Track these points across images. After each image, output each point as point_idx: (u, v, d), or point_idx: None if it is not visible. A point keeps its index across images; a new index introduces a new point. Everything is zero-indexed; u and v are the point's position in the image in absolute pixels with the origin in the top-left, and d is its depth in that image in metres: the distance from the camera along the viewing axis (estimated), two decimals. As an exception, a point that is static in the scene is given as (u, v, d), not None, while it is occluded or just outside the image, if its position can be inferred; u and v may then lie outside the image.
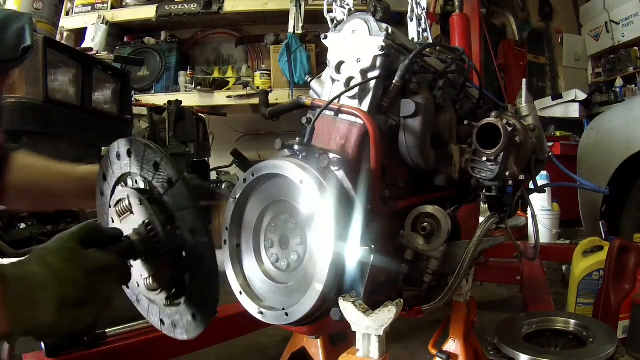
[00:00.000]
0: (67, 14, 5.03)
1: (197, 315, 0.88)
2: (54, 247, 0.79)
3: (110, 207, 0.93)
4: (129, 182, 0.92)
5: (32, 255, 0.76)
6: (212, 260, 0.85)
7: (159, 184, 0.86)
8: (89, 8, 5.19)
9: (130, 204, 0.87)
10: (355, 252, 0.99)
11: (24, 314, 0.71)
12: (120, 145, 0.91)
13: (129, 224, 0.88)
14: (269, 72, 5.06)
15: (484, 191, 1.29)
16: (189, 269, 0.89)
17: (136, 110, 3.52)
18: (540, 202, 3.82)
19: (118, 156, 0.92)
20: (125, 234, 0.87)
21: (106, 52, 3.84)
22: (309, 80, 1.36)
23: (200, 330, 0.88)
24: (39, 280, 0.73)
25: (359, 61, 1.15)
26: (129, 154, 0.89)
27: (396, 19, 3.54)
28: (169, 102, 3.55)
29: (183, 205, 0.84)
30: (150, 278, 0.89)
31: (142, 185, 0.90)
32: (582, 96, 5.32)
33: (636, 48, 5.55)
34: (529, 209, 1.50)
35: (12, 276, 0.71)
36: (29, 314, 0.72)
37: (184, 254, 0.87)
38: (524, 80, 1.61)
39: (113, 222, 0.92)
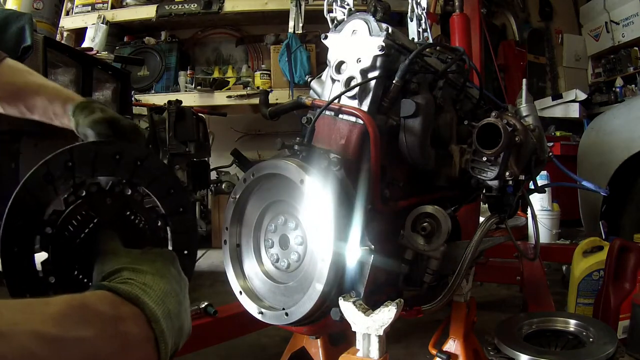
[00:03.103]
0: (67, 13, 5.02)
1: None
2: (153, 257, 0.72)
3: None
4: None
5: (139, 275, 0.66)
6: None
7: None
8: (89, 8, 5.19)
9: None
10: (355, 252, 0.99)
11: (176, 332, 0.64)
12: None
13: None
14: (269, 72, 5.05)
15: (484, 191, 1.29)
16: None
17: (136, 110, 3.51)
18: (540, 202, 3.82)
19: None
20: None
21: (106, 52, 3.83)
22: (309, 80, 1.36)
23: None
24: (171, 293, 0.66)
25: (359, 61, 1.15)
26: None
27: (396, 19, 3.55)
28: (169, 102, 3.54)
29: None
30: None
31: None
32: (582, 96, 5.32)
33: (636, 48, 5.54)
34: (529, 209, 1.50)
35: (152, 304, 0.61)
36: (178, 330, 0.65)
37: None
38: (524, 80, 1.61)
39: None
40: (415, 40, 1.67)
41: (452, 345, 1.35)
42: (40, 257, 0.78)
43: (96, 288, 0.61)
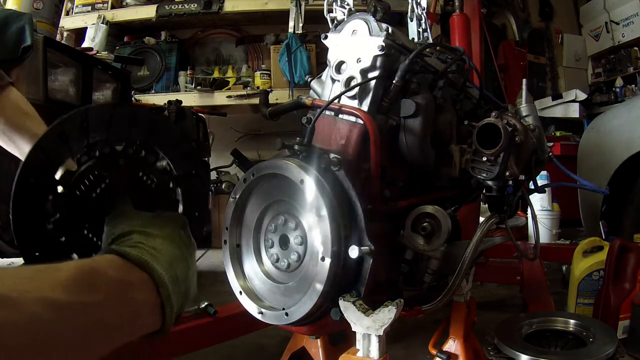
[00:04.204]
0: (67, 13, 5.02)
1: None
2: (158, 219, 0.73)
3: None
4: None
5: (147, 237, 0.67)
6: None
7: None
8: (89, 8, 5.19)
9: None
10: (355, 252, 0.99)
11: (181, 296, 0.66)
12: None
13: None
14: (269, 72, 5.05)
15: (484, 191, 1.29)
16: None
17: (136, 110, 3.49)
18: (540, 202, 3.82)
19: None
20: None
21: (106, 52, 3.83)
22: (309, 80, 1.36)
23: None
24: (180, 257, 0.68)
25: (359, 61, 1.15)
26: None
27: (396, 19, 3.54)
28: (169, 102, 3.54)
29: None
30: None
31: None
32: (582, 96, 5.32)
33: (636, 48, 5.54)
34: (529, 209, 1.50)
35: (160, 269, 0.62)
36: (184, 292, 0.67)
37: None
38: (524, 80, 1.61)
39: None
40: (415, 40, 1.67)
41: (452, 345, 1.35)
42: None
43: (106, 252, 0.62)
